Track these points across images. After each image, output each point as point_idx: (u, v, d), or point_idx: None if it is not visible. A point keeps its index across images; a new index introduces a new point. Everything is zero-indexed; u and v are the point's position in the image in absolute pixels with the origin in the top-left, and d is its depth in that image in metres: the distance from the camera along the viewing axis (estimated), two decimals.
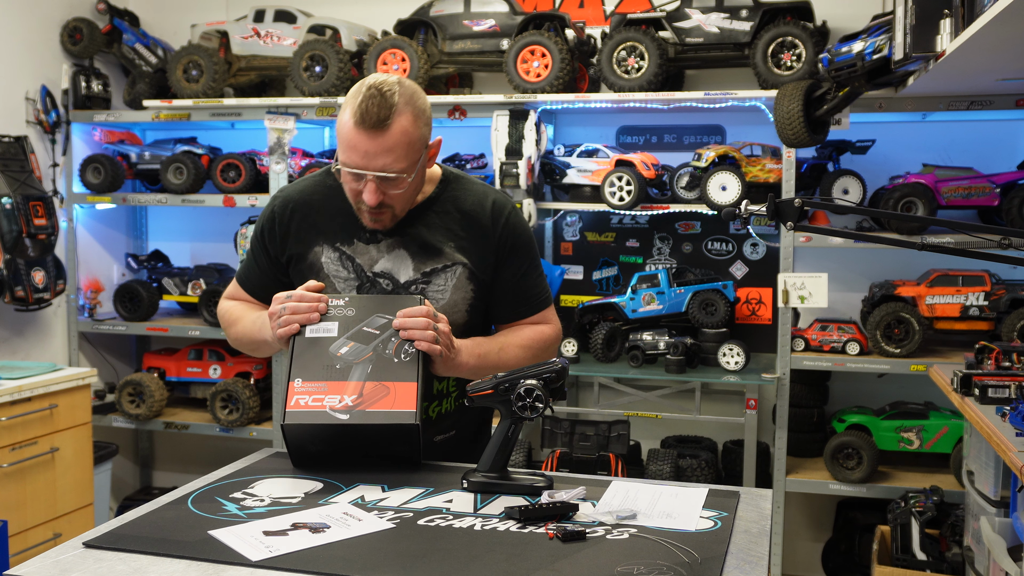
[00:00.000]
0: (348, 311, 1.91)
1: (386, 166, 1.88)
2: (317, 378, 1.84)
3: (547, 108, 4.10)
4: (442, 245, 2.05)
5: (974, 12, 2.32)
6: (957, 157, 3.98)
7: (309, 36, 4.27)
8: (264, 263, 2.16)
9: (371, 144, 1.87)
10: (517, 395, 1.75)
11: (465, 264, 2.05)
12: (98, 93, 4.69)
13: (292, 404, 1.82)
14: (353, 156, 1.89)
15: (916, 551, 3.37)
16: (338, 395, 1.82)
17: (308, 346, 1.88)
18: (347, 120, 1.88)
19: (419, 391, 1.83)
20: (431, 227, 2.05)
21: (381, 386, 1.83)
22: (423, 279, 2.03)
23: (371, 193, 1.91)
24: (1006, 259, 2.47)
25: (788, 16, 3.76)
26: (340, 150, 1.92)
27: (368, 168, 1.89)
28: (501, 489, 1.76)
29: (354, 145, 1.88)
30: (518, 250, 2.10)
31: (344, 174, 1.94)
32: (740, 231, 4.27)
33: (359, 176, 1.91)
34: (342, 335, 1.88)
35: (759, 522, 1.64)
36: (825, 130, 3.54)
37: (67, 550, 1.48)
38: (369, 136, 1.86)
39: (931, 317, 3.75)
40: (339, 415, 1.80)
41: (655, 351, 3.98)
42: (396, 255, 2.04)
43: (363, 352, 1.86)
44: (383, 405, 1.81)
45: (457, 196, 2.09)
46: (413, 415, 1.80)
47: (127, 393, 4.52)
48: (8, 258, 4.08)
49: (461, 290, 2.05)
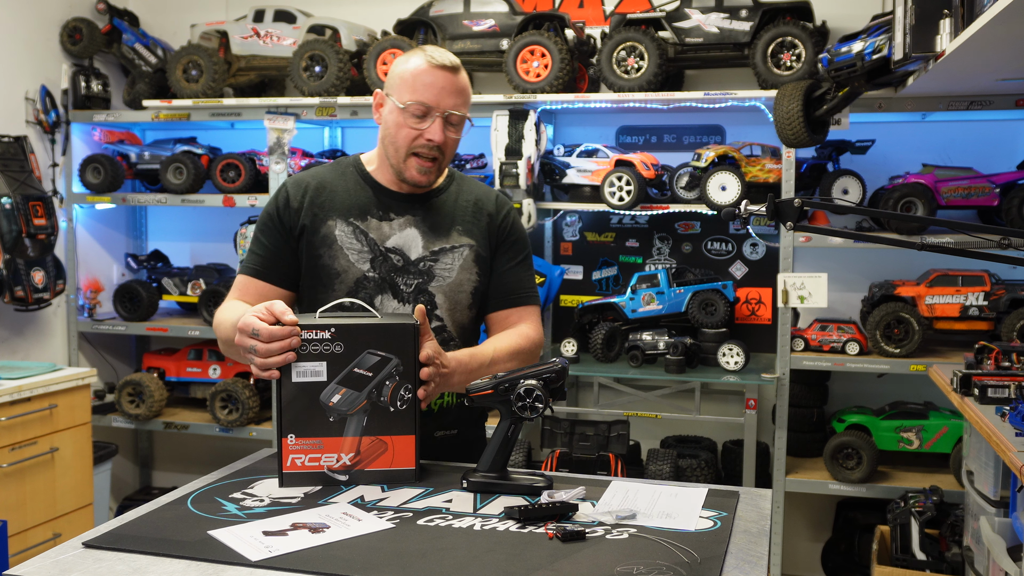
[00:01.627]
0: (336, 347, 1.76)
1: (456, 105, 2.06)
2: (311, 434, 1.77)
3: (547, 108, 4.10)
4: (450, 227, 2.16)
5: (974, 12, 2.32)
6: (957, 157, 3.98)
7: (309, 36, 4.27)
8: (275, 241, 2.12)
9: (447, 82, 2.04)
10: (517, 395, 1.75)
11: (472, 246, 2.16)
12: (98, 93, 4.69)
13: (288, 464, 1.77)
14: (428, 93, 2.03)
15: (916, 551, 3.37)
16: (335, 453, 1.78)
17: (297, 394, 1.76)
18: (419, 63, 2.05)
19: (417, 442, 1.80)
20: (441, 211, 2.17)
21: (379, 441, 1.79)
22: (431, 257, 2.12)
23: (438, 129, 2.04)
24: (1006, 259, 2.47)
25: (788, 16, 3.76)
26: (407, 91, 2.04)
27: (440, 105, 2.04)
28: (501, 489, 1.76)
29: (430, 82, 2.03)
30: (515, 244, 2.23)
31: (407, 117, 2.05)
32: (740, 231, 4.27)
33: (426, 113, 2.04)
34: (332, 379, 1.77)
35: (759, 522, 1.64)
36: (825, 130, 3.54)
37: (67, 550, 1.48)
38: (445, 75, 2.04)
39: (931, 317, 3.75)
40: (338, 475, 1.78)
41: (655, 351, 3.98)
42: (407, 234, 2.12)
43: (357, 400, 1.77)
44: (382, 463, 1.79)
45: (464, 188, 2.23)
46: (413, 473, 1.80)
47: (127, 393, 4.52)
48: (8, 258, 4.08)
49: (467, 271, 2.14)
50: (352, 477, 1.78)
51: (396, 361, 1.78)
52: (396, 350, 1.78)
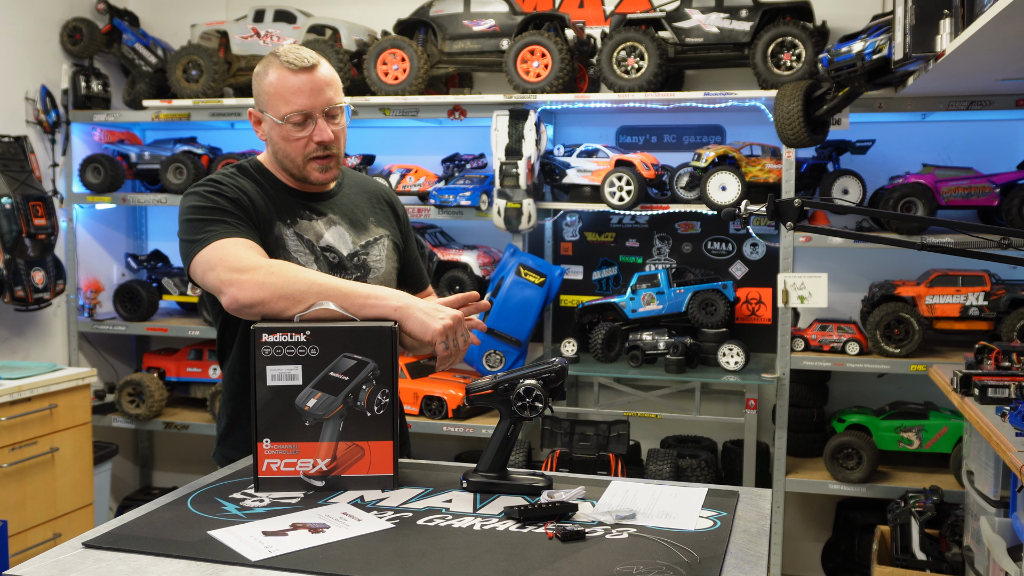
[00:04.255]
0: (311, 350, 1.72)
1: (330, 100, 2.03)
2: (286, 438, 1.73)
3: (547, 108, 4.10)
4: (366, 220, 2.19)
5: (974, 12, 2.32)
6: (957, 157, 3.98)
7: (309, 36, 4.27)
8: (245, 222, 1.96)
9: (312, 82, 2.01)
10: (516, 395, 1.75)
11: (388, 235, 2.21)
12: (98, 93, 4.69)
13: (263, 469, 1.74)
14: (299, 99, 2.00)
15: (916, 551, 3.37)
16: (311, 459, 1.74)
17: (272, 397, 1.72)
18: (280, 74, 2.01)
19: (395, 448, 1.77)
20: (351, 205, 2.18)
21: (355, 447, 1.75)
22: (363, 250, 2.13)
23: (324, 128, 2.02)
24: (1006, 259, 2.47)
25: (788, 16, 3.76)
26: (281, 104, 2.01)
27: (316, 105, 2.01)
28: (501, 489, 1.76)
29: (298, 89, 2.00)
30: (410, 231, 2.33)
31: (290, 127, 2.02)
32: (740, 231, 4.27)
33: (307, 120, 2.02)
34: (307, 382, 1.72)
35: (758, 522, 1.64)
36: (825, 130, 3.54)
37: (67, 550, 1.48)
38: (308, 76, 2.00)
39: (931, 317, 3.75)
40: (314, 481, 1.75)
41: (655, 351, 3.98)
42: (335, 231, 2.12)
43: (333, 405, 1.73)
44: (359, 469, 1.76)
45: (356, 181, 2.26)
46: (391, 479, 1.77)
47: (127, 393, 4.52)
48: (8, 258, 4.08)
49: (391, 260, 2.19)
50: (328, 483, 1.75)
51: (373, 365, 1.74)
52: (373, 353, 1.74)
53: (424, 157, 4.49)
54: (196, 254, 1.89)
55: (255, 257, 1.88)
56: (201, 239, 1.90)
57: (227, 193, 1.99)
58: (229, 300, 1.82)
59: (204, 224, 1.92)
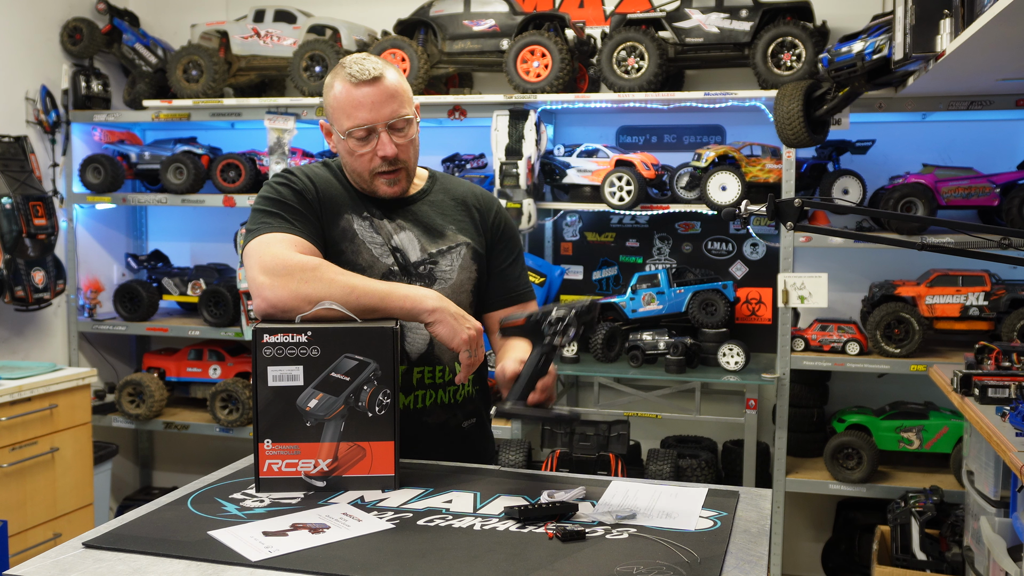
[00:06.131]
0: (312, 350, 1.72)
1: (395, 112, 1.98)
2: (287, 439, 1.73)
3: (547, 108, 4.10)
4: (444, 228, 2.12)
5: (974, 12, 2.32)
6: (957, 157, 3.98)
7: (309, 36, 4.27)
8: (305, 218, 1.96)
9: (375, 95, 1.96)
10: (548, 323, 1.77)
11: (468, 244, 2.12)
12: (98, 93, 4.69)
13: (264, 470, 1.74)
14: (361, 113, 1.96)
15: (916, 551, 3.37)
16: (312, 459, 1.74)
17: (273, 398, 1.72)
18: (343, 87, 1.98)
19: (396, 448, 1.77)
20: (431, 212, 2.13)
21: (357, 447, 1.75)
22: (430, 260, 2.08)
23: (387, 143, 1.98)
24: (1006, 259, 2.46)
25: (788, 16, 3.76)
26: (344, 118, 1.98)
27: (379, 119, 1.97)
28: (531, 417, 1.79)
29: (359, 103, 1.96)
30: (509, 241, 2.21)
31: (353, 142, 1.99)
32: (740, 231, 4.27)
33: (370, 134, 1.98)
34: (309, 382, 1.72)
35: (759, 522, 1.64)
36: (825, 130, 3.54)
37: (67, 550, 1.48)
38: (370, 89, 1.96)
39: (931, 317, 3.75)
40: (315, 482, 1.75)
41: (655, 351, 3.98)
42: (405, 236, 2.08)
43: (334, 406, 1.73)
44: (360, 469, 1.76)
45: (447, 187, 2.19)
46: (392, 480, 1.77)
47: (127, 393, 4.52)
48: (8, 258, 4.08)
49: (466, 270, 2.11)
50: (330, 483, 1.75)
51: (374, 365, 1.74)
52: (375, 354, 1.74)
53: (424, 157, 4.45)
54: (246, 245, 1.93)
55: (293, 257, 1.84)
56: (253, 231, 1.93)
57: (295, 184, 2.00)
58: (261, 304, 1.81)
59: (260, 216, 1.94)
